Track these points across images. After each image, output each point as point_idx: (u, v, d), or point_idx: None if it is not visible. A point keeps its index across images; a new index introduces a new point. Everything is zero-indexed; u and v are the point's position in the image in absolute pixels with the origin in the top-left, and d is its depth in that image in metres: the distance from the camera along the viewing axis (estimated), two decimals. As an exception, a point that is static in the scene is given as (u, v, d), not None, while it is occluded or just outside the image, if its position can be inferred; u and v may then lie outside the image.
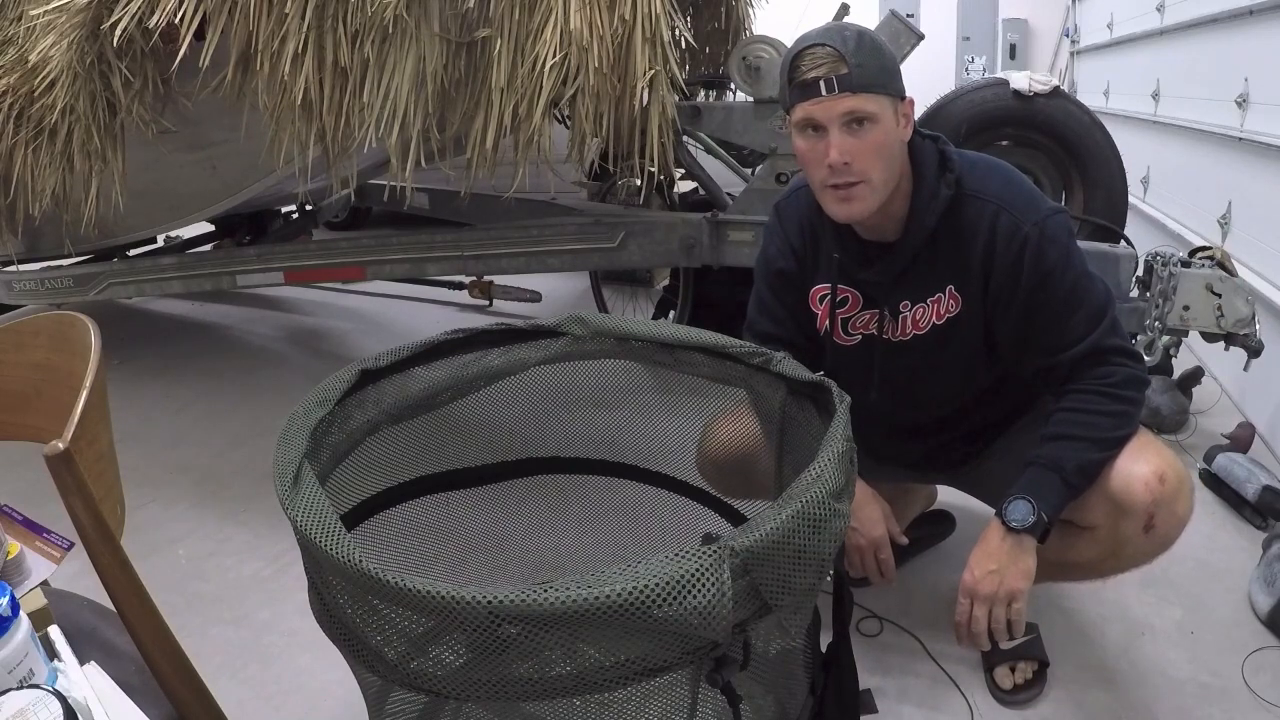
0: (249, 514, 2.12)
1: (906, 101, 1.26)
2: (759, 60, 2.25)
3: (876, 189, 1.26)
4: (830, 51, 1.20)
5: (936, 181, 1.29)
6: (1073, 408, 1.28)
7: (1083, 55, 6.02)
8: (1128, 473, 1.24)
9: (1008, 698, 1.44)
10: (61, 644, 0.84)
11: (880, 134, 1.22)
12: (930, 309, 1.36)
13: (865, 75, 1.21)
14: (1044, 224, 1.27)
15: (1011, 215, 1.27)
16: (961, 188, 1.30)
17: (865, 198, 1.26)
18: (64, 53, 2.11)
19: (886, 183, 1.26)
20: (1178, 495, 1.24)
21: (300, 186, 2.32)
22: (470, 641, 0.72)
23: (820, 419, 1.03)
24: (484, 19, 1.93)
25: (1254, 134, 2.57)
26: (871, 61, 1.21)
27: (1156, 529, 1.24)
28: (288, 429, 0.95)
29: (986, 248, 1.29)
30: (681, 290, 2.88)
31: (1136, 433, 1.30)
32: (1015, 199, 1.29)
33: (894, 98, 1.24)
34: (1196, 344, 2.46)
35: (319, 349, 3.50)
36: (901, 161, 1.28)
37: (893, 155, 1.26)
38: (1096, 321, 1.27)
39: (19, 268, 3.20)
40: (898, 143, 1.26)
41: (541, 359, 1.26)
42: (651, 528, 1.39)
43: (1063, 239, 1.28)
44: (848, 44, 1.21)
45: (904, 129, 1.26)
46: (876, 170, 1.24)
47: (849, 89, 1.21)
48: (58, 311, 1.15)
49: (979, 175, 1.31)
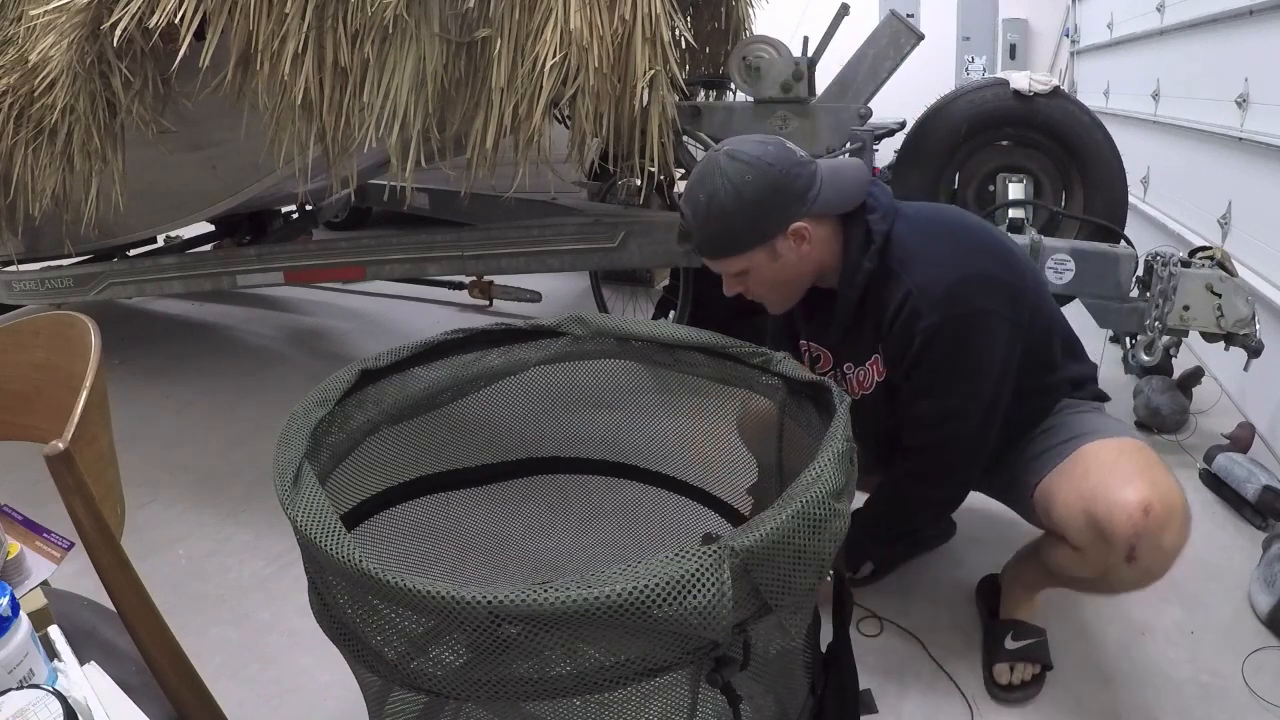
0: (249, 514, 2.12)
1: (792, 230, 1.31)
2: (759, 60, 2.25)
3: (777, 304, 1.45)
4: (686, 224, 1.35)
5: (859, 258, 1.35)
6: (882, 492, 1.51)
7: (1083, 55, 6.02)
8: (1111, 500, 1.22)
9: (1002, 694, 1.44)
10: (61, 644, 0.84)
11: (755, 276, 1.36)
12: (870, 371, 1.45)
13: (714, 245, 1.35)
14: (942, 327, 1.29)
15: (915, 305, 1.30)
16: (885, 262, 1.35)
17: (772, 307, 1.47)
18: (64, 53, 2.11)
19: (787, 296, 1.43)
20: (1164, 528, 1.20)
21: (300, 186, 2.32)
22: (470, 641, 0.72)
23: (820, 419, 1.03)
24: (484, 19, 1.93)
25: (1254, 134, 2.57)
26: (718, 231, 1.32)
27: (1139, 561, 1.21)
28: (288, 429, 0.95)
29: (890, 320, 1.34)
30: (681, 290, 2.88)
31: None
32: (931, 289, 1.30)
33: (758, 247, 1.31)
34: (1196, 344, 2.46)
35: (319, 349, 3.50)
36: (809, 264, 1.37)
37: (778, 282, 1.38)
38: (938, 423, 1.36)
39: (19, 268, 3.20)
40: (782, 270, 1.36)
41: (541, 359, 1.26)
42: (651, 528, 1.39)
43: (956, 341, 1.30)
44: (697, 215, 1.33)
45: (795, 250, 1.33)
46: (766, 294, 1.42)
47: (705, 255, 1.38)
48: (58, 311, 1.15)
49: (913, 250, 1.34)
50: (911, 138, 2.63)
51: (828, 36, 2.30)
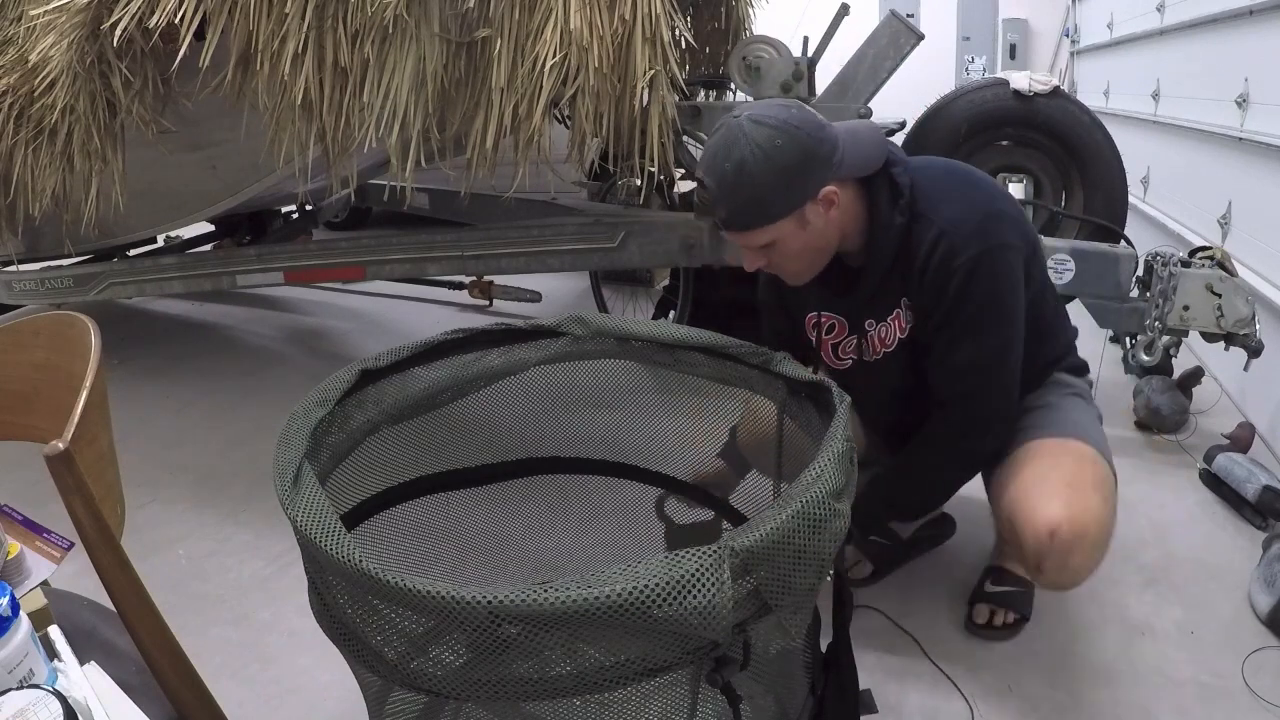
0: (249, 514, 2.12)
1: (822, 195, 1.27)
2: (759, 60, 2.25)
3: (800, 274, 1.39)
4: (709, 195, 1.27)
5: (890, 212, 1.33)
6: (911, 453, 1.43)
7: (1083, 55, 6.02)
8: (1024, 516, 1.25)
9: (976, 629, 1.50)
10: (61, 644, 0.84)
11: (781, 248, 1.31)
12: (892, 326, 1.42)
13: (741, 217, 1.28)
14: (980, 258, 1.28)
15: (952, 242, 1.29)
16: (915, 211, 1.32)
17: (796, 279, 1.40)
18: (64, 53, 2.10)
19: (812, 264, 1.37)
20: (1069, 552, 1.22)
21: (300, 186, 2.32)
22: (470, 641, 0.72)
23: (820, 419, 1.03)
24: (484, 19, 1.93)
25: (1254, 134, 2.57)
26: (746, 200, 1.26)
27: (1045, 574, 1.25)
28: (288, 429, 0.95)
29: (923, 266, 1.32)
30: (681, 290, 2.88)
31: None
32: (963, 225, 1.29)
33: (788, 215, 1.27)
34: (1196, 344, 2.46)
35: (319, 349, 3.50)
36: (835, 230, 1.34)
37: (805, 251, 1.34)
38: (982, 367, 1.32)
39: (19, 268, 3.20)
40: (810, 239, 1.31)
41: (541, 359, 1.26)
42: (652, 528, 1.39)
43: (993, 276, 1.29)
44: (723, 185, 1.26)
45: (824, 216, 1.30)
46: (790, 266, 1.37)
47: (730, 229, 1.31)
48: (58, 311, 1.15)
49: (935, 195, 1.33)
50: (911, 138, 2.63)
51: (828, 36, 2.30)
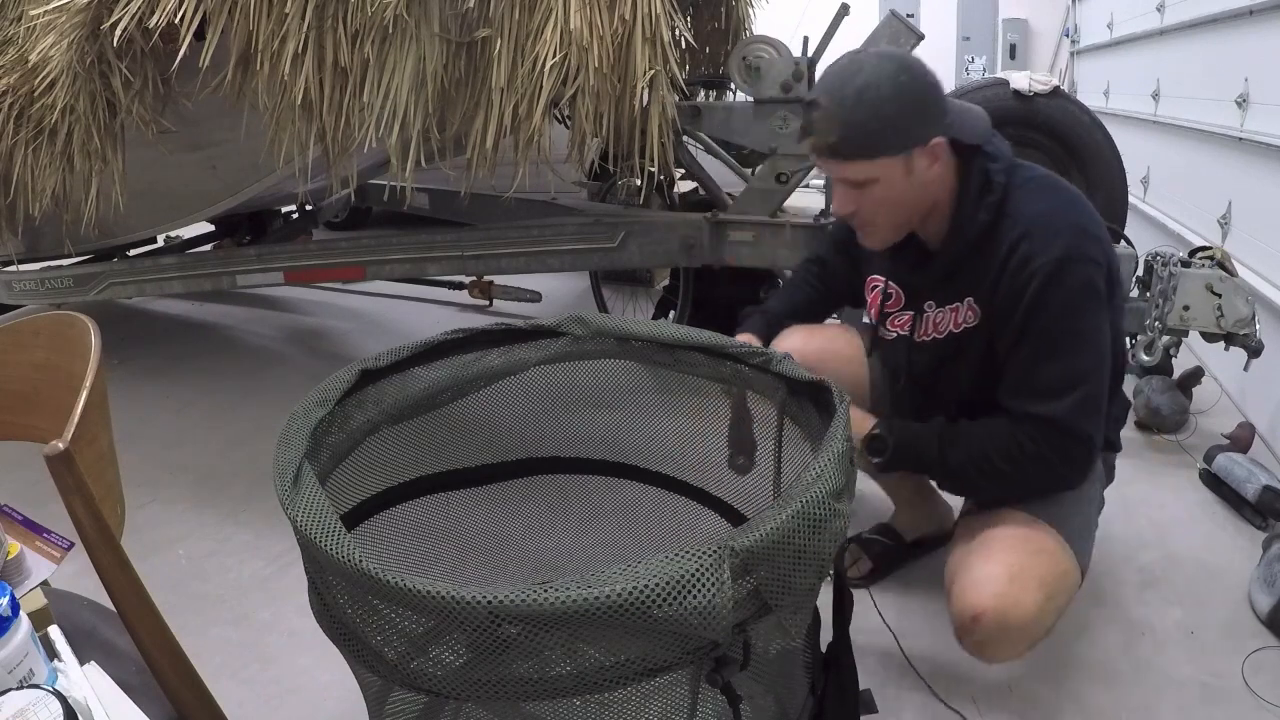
0: (249, 514, 2.12)
1: (931, 145, 1.22)
2: (759, 60, 2.25)
3: (884, 232, 1.33)
4: (824, 115, 1.21)
5: (975, 207, 1.28)
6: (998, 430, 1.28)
7: (1083, 55, 6.02)
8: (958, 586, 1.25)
9: None
10: (61, 644, 0.84)
11: (882, 191, 1.25)
12: (949, 316, 1.38)
13: (855, 145, 1.21)
14: (1061, 265, 1.21)
15: (1032, 244, 1.23)
16: (1002, 210, 1.28)
17: (876, 237, 1.35)
18: (64, 53, 2.11)
19: (901, 225, 1.32)
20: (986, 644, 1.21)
21: (300, 186, 2.32)
22: (470, 641, 0.72)
23: (820, 419, 1.03)
24: (484, 19, 1.93)
25: (1254, 134, 2.57)
26: (866, 126, 1.19)
27: (965, 647, 1.24)
28: (288, 429, 0.95)
29: (1000, 267, 1.27)
30: (681, 290, 2.88)
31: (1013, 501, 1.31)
32: (1047, 229, 1.24)
33: (899, 155, 1.21)
34: (1196, 344, 2.46)
35: (319, 349, 3.50)
36: (924, 199, 1.29)
37: (903, 204, 1.28)
38: (1067, 388, 1.22)
39: (19, 268, 3.20)
40: (913, 189, 1.26)
41: (541, 359, 1.26)
42: (651, 528, 1.39)
43: (1074, 286, 1.22)
44: (844, 106, 1.19)
45: (928, 170, 1.25)
46: (880, 219, 1.31)
47: (838, 158, 1.24)
48: (58, 311, 1.15)
49: (1024, 197, 1.28)
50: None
51: (828, 36, 2.30)
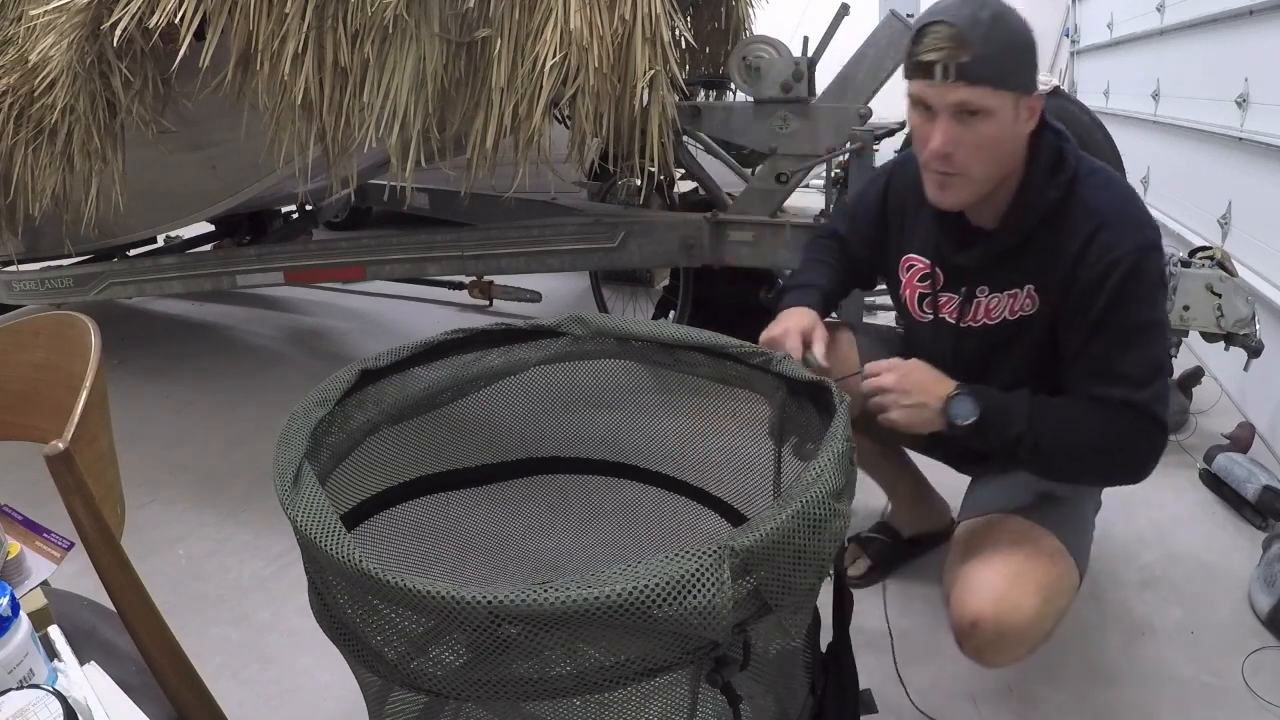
0: (249, 514, 2.12)
1: (1034, 96, 1.17)
2: (759, 60, 2.25)
3: (975, 183, 1.22)
4: (955, 33, 1.11)
5: (1046, 182, 1.22)
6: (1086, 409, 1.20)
7: (1083, 55, 6.01)
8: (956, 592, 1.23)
9: None
10: (61, 644, 0.84)
11: (992, 129, 1.16)
12: (1005, 302, 1.31)
13: (986, 67, 1.12)
14: (1141, 256, 1.18)
15: (1110, 234, 1.18)
16: (1071, 192, 1.23)
17: (961, 189, 1.22)
18: (64, 53, 2.11)
19: (989, 179, 1.22)
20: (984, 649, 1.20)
21: (300, 186, 2.32)
22: (470, 641, 0.72)
23: (820, 419, 1.03)
24: (484, 19, 1.93)
25: (1254, 134, 2.57)
26: (999, 51, 1.12)
27: (963, 653, 1.24)
28: (288, 429, 0.95)
29: (1076, 258, 1.20)
30: (681, 290, 2.88)
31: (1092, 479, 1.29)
32: (1123, 221, 1.20)
33: (1017, 93, 1.15)
34: (1196, 344, 2.46)
35: (319, 349, 3.50)
36: (1014, 156, 1.22)
37: (1002, 152, 1.20)
38: (1147, 379, 1.17)
39: (19, 268, 3.20)
40: (1012, 139, 1.19)
41: (541, 359, 1.25)
42: (651, 528, 1.39)
43: (1152, 278, 1.19)
44: (977, 26, 1.11)
45: (1026, 122, 1.19)
46: (978, 166, 1.19)
47: (964, 79, 1.13)
48: (58, 311, 1.15)
49: (1094, 185, 1.23)
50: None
51: (828, 36, 2.30)
